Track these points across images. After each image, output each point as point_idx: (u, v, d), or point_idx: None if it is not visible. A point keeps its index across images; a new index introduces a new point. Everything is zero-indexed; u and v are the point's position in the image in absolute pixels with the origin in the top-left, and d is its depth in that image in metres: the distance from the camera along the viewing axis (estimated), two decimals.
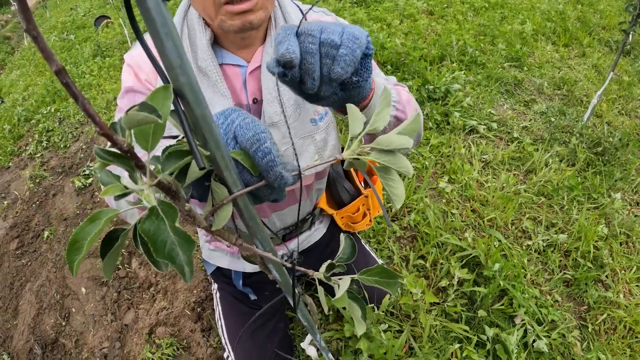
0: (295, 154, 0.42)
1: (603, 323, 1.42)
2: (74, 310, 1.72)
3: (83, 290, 1.77)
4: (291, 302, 0.52)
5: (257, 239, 0.43)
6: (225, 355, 1.25)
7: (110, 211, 0.31)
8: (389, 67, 2.64)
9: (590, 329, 1.40)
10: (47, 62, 0.21)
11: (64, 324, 1.69)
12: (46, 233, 2.10)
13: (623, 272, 1.57)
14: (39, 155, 2.75)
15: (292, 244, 1.13)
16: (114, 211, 0.31)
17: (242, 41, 0.77)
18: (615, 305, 1.46)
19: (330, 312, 1.42)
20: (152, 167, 0.31)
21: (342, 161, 1.20)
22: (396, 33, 3.10)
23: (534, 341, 1.33)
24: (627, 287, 1.54)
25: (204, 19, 0.76)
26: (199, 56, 0.76)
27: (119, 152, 0.28)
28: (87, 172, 2.44)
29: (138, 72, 0.79)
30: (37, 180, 2.51)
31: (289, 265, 0.45)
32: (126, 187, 0.30)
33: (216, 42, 0.79)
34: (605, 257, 1.59)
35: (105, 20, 4.91)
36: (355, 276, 0.45)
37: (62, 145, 2.78)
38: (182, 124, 0.31)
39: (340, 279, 0.45)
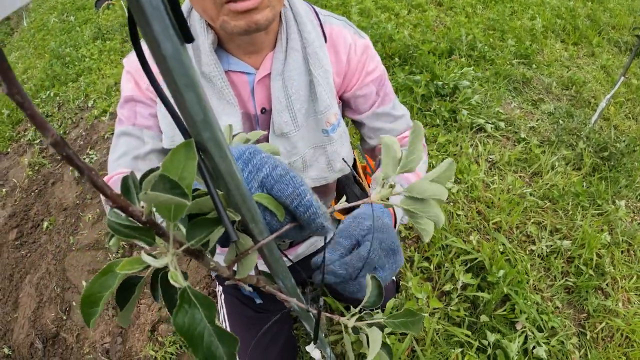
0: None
1: (601, 331, 1.43)
2: (74, 303, 1.71)
3: (84, 283, 1.76)
4: (311, 333, 0.50)
5: (280, 279, 0.41)
6: None
7: (134, 262, 0.29)
8: (396, 59, 2.59)
9: (588, 337, 1.41)
10: (40, 132, 0.17)
11: (64, 317, 1.68)
12: (45, 223, 2.08)
13: (623, 280, 1.57)
14: (37, 141, 2.71)
15: (300, 249, 1.12)
16: (139, 261, 0.29)
17: (249, 46, 0.72)
18: (613, 314, 1.47)
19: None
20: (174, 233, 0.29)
21: (354, 165, 1.16)
22: (404, 24, 3.04)
23: (533, 348, 1.34)
24: (626, 296, 1.54)
25: (206, 21, 0.71)
26: (202, 61, 0.71)
27: (136, 224, 0.25)
28: (86, 160, 2.41)
29: (138, 80, 0.75)
30: (36, 168, 2.48)
31: (314, 311, 0.43)
32: (145, 262, 0.27)
33: (222, 47, 0.74)
34: (607, 265, 1.59)
35: (107, 2, 4.80)
36: (382, 320, 0.44)
37: (61, 132, 2.73)
38: (209, 190, 0.28)
39: (369, 324, 0.43)
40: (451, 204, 1.82)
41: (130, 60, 0.77)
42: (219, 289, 1.30)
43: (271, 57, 0.75)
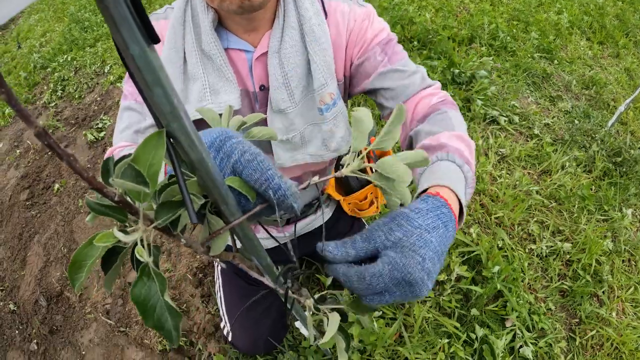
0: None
1: (591, 338, 1.43)
2: None
3: None
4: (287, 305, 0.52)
5: (254, 257, 0.43)
6: (222, 325, 1.29)
7: (108, 236, 0.31)
8: (415, 43, 2.55)
9: (577, 342, 1.41)
10: (26, 124, 0.20)
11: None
12: (56, 185, 2.14)
13: (620, 290, 1.56)
14: (53, 104, 2.76)
15: (298, 226, 1.14)
16: (111, 236, 0.31)
17: (248, 23, 0.73)
18: (606, 323, 1.46)
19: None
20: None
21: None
22: (427, 7, 2.97)
23: (520, 347, 1.35)
24: (621, 306, 1.53)
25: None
26: (202, 39, 0.72)
27: (111, 203, 0.27)
28: (100, 125, 2.45)
29: None
30: (50, 131, 2.53)
31: (281, 291, 0.44)
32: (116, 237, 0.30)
33: (222, 25, 0.75)
34: (606, 273, 1.58)
35: None
36: (345, 307, 0.45)
37: (76, 96, 2.77)
38: (176, 175, 0.30)
39: (331, 309, 0.45)
40: None
41: None
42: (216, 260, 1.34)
43: (269, 35, 0.75)
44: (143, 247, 0.29)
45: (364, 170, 0.42)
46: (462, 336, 1.35)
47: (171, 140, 0.29)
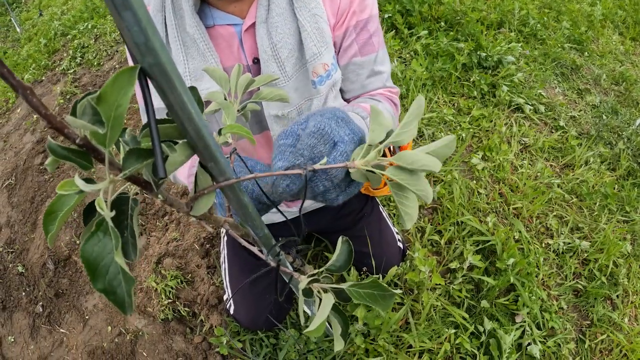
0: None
1: (601, 342, 1.37)
2: None
3: None
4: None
5: (249, 226, 0.39)
6: (225, 297, 1.27)
7: (70, 184, 0.28)
8: (442, 23, 2.46)
9: (586, 345, 1.35)
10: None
11: (78, 242, 1.75)
12: None
13: (635, 295, 1.49)
14: (71, 71, 2.76)
15: (306, 203, 1.11)
16: (70, 192, 0.28)
17: None
18: (617, 328, 1.41)
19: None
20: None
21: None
22: None
23: (528, 344, 1.30)
24: (634, 312, 1.47)
25: None
26: (186, 22, 0.68)
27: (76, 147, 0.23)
28: None
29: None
30: (68, 97, 2.53)
31: (273, 264, 0.41)
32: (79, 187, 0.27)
33: (206, 1, 0.70)
34: (622, 276, 1.51)
35: None
36: (345, 287, 0.41)
37: (95, 63, 2.77)
38: (148, 117, 0.26)
39: (325, 290, 0.40)
40: (474, 180, 1.75)
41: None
42: (223, 230, 1.31)
43: (255, 5, 0.70)
44: (104, 199, 0.26)
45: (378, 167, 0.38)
46: (469, 328, 1.31)
47: (146, 79, 0.25)
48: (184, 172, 0.76)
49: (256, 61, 0.75)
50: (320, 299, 0.40)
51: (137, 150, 0.28)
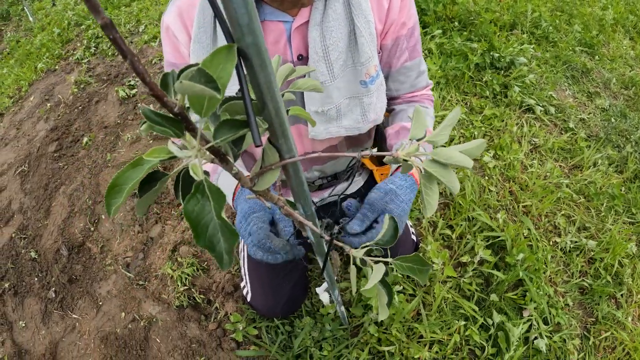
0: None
1: (605, 340, 1.40)
2: (103, 217, 1.80)
3: None
4: (321, 264, 0.52)
5: (300, 203, 0.42)
6: (242, 284, 1.30)
7: (152, 161, 0.30)
8: (456, 23, 2.49)
9: (591, 342, 1.39)
10: (93, 14, 0.19)
11: (92, 229, 1.78)
12: (85, 139, 2.17)
13: (639, 295, 1.53)
14: (85, 61, 2.78)
15: (327, 192, 1.14)
16: (156, 160, 0.30)
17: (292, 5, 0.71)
18: (621, 326, 1.44)
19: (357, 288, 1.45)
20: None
21: (384, 123, 1.15)
22: None
23: (535, 338, 1.33)
24: (637, 311, 1.50)
25: None
26: None
27: (169, 115, 0.25)
28: (132, 82, 2.47)
29: (177, 44, 0.77)
30: (82, 86, 2.55)
31: (327, 238, 0.44)
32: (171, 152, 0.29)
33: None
34: (627, 276, 1.54)
35: None
36: (390, 260, 0.44)
37: (109, 53, 2.79)
38: (243, 93, 0.28)
39: (376, 262, 0.44)
40: (485, 177, 1.79)
41: (168, 20, 0.77)
42: None
43: (310, 7, 0.74)
44: (199, 165, 0.28)
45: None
46: (479, 320, 1.34)
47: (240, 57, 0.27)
48: (229, 183, 0.85)
49: (301, 57, 0.78)
50: (372, 268, 0.43)
51: (230, 121, 0.31)
